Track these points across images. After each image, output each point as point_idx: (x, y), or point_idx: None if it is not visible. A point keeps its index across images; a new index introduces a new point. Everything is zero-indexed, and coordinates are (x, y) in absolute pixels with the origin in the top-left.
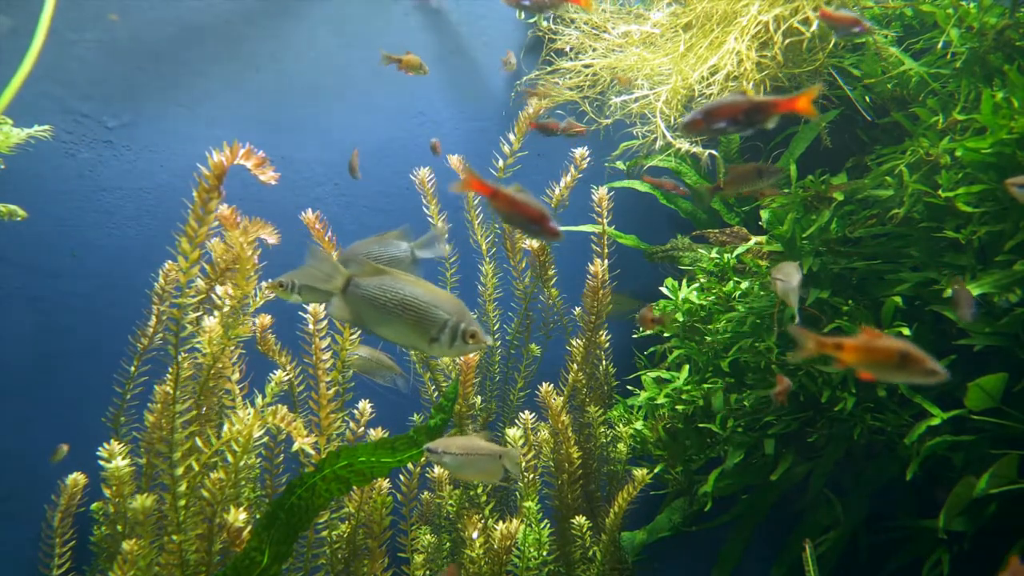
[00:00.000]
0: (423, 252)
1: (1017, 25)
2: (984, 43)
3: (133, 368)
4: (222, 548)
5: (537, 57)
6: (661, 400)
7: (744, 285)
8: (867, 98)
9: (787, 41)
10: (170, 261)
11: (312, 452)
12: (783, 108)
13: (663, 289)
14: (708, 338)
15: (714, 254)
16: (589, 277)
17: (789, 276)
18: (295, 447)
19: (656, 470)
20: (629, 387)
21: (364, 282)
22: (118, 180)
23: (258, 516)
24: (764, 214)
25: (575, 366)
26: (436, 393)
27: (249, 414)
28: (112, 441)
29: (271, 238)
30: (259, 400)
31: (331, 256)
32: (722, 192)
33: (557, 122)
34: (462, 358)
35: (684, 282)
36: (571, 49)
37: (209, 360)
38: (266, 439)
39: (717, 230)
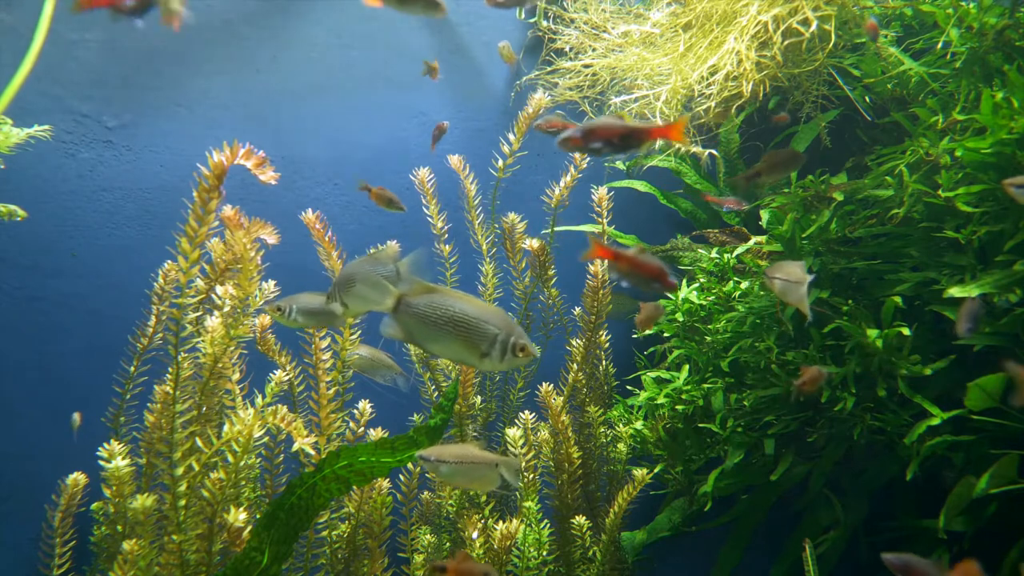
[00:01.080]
0: (410, 272)
1: (1017, 25)
2: (984, 43)
3: (133, 368)
4: (222, 548)
5: (537, 57)
6: (661, 400)
7: (744, 285)
8: (867, 98)
9: (786, 41)
10: (170, 261)
11: (312, 452)
12: (656, 135)
13: None
14: (708, 338)
15: (714, 254)
16: (589, 277)
17: (790, 275)
18: (295, 447)
19: (656, 470)
20: (629, 387)
21: (414, 301)
22: (118, 180)
23: (258, 516)
24: (764, 214)
25: (575, 366)
26: (436, 393)
27: (249, 414)
28: (112, 441)
29: (271, 238)
30: (259, 400)
31: (381, 278)
32: (760, 180)
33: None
34: None
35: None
36: (571, 49)
37: (210, 360)
38: (266, 439)
39: (717, 230)
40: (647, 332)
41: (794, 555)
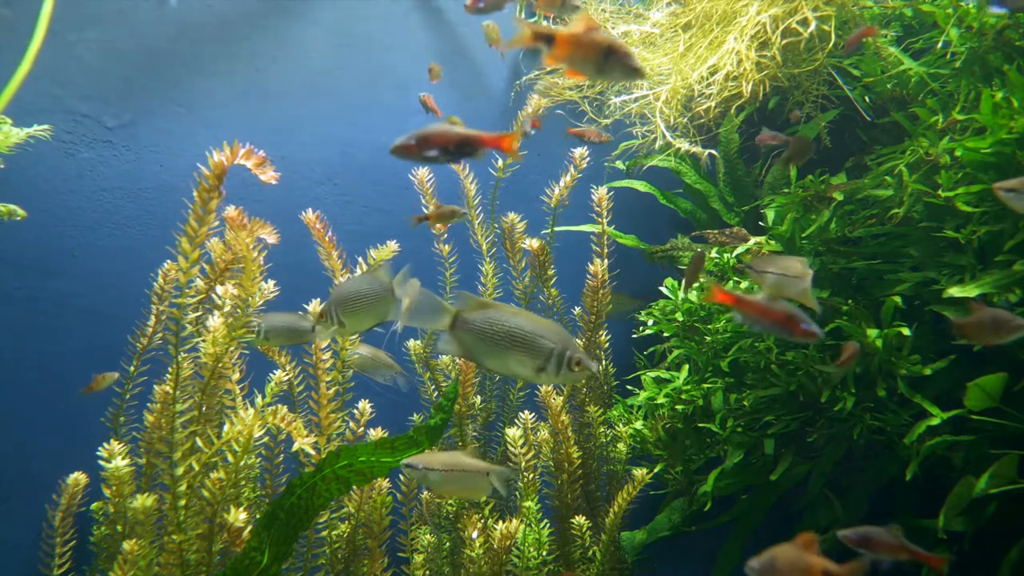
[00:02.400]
0: (400, 290)
1: (1017, 25)
2: (984, 43)
3: (133, 368)
4: (222, 548)
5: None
6: (661, 400)
7: (744, 285)
8: (867, 98)
9: (786, 41)
10: (170, 261)
11: (312, 452)
12: (491, 144)
13: (663, 289)
14: (708, 338)
15: (714, 254)
16: (589, 277)
17: (787, 269)
18: (295, 447)
19: (656, 470)
20: (629, 387)
21: (471, 317)
22: (118, 180)
23: (258, 516)
24: (768, 213)
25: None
26: (436, 393)
27: (249, 414)
28: (112, 441)
29: (271, 238)
30: (259, 400)
31: (435, 295)
32: (792, 162)
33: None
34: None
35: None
36: None
37: (211, 360)
38: (266, 439)
39: (717, 230)
40: (647, 332)
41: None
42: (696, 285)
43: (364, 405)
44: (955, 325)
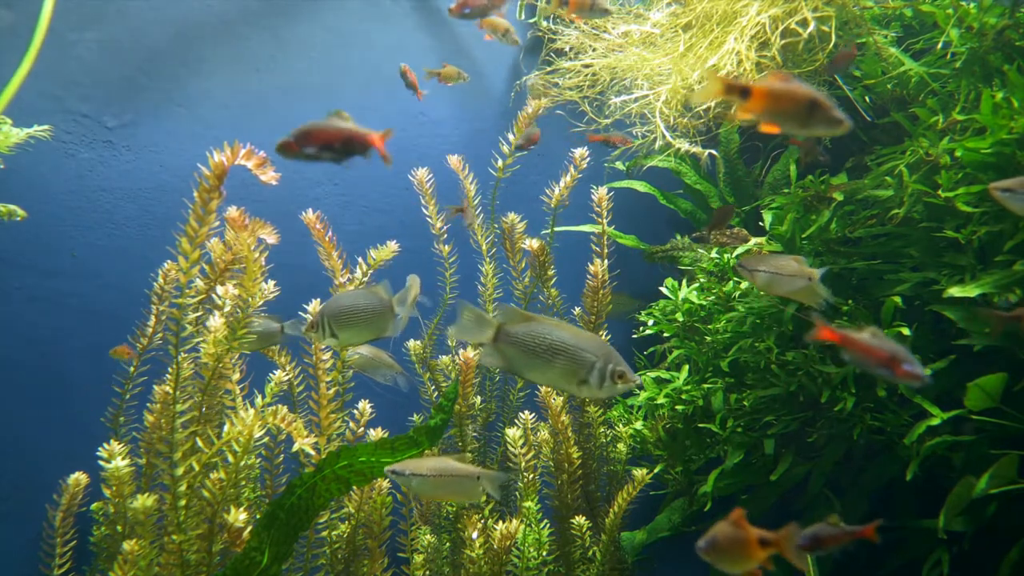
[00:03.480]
0: (400, 308)
1: (1017, 25)
2: (984, 43)
3: (133, 368)
4: (222, 548)
5: (537, 57)
6: (661, 400)
7: (744, 285)
8: (867, 98)
9: (786, 41)
10: (170, 261)
11: (312, 452)
12: (378, 143)
13: (663, 289)
14: (708, 338)
15: (714, 254)
16: (589, 277)
17: (781, 268)
18: (295, 447)
19: (656, 470)
20: None
21: (513, 330)
22: (118, 180)
23: (258, 516)
24: (767, 215)
25: None
26: (436, 393)
27: (249, 414)
28: (112, 441)
29: (271, 238)
30: (259, 400)
31: (479, 309)
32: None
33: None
34: (461, 357)
35: (684, 282)
36: (571, 49)
37: (212, 360)
38: (266, 439)
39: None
40: (647, 332)
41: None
42: (695, 285)
43: (364, 405)
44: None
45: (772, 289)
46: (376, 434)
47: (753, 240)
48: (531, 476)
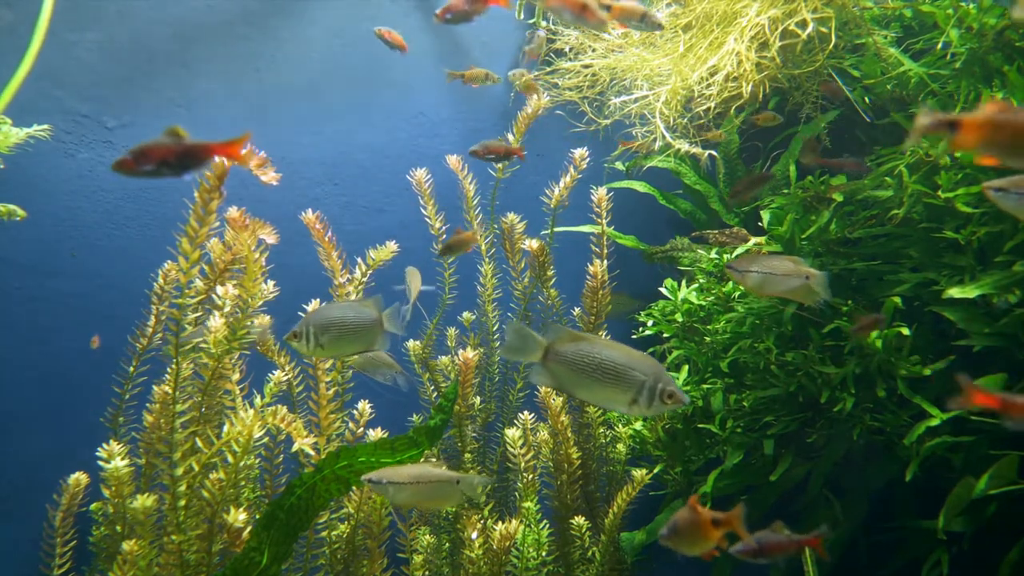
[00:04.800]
0: (389, 325)
1: (1016, 26)
2: (984, 44)
3: (132, 368)
4: (222, 548)
5: (536, 58)
6: None
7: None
8: (867, 99)
9: (786, 42)
10: (170, 261)
11: (312, 452)
12: (218, 152)
13: (662, 289)
14: (707, 338)
15: (713, 255)
16: (588, 277)
17: (774, 268)
18: (295, 447)
19: (655, 471)
20: None
21: (563, 349)
22: (118, 180)
23: (258, 516)
24: (765, 215)
25: None
26: (435, 394)
27: (249, 415)
28: (111, 441)
29: (270, 238)
30: (259, 400)
31: (529, 329)
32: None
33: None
34: (460, 358)
35: (683, 283)
36: (570, 49)
37: (213, 361)
38: (266, 439)
39: (716, 231)
40: (646, 333)
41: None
42: (695, 286)
43: (364, 406)
44: None
45: (765, 290)
46: (376, 434)
47: (753, 240)
48: (530, 476)
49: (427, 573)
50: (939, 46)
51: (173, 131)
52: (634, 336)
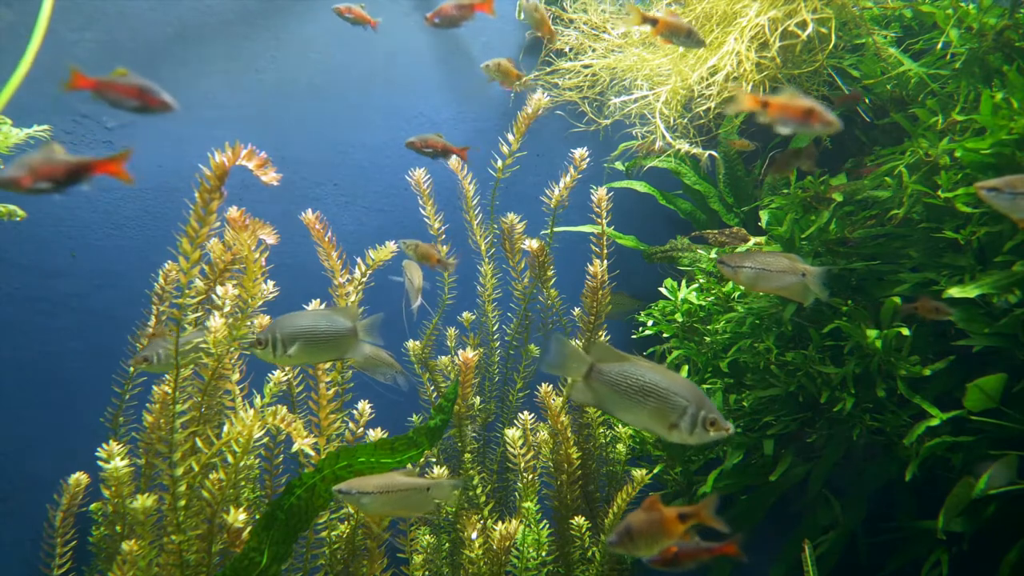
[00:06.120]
0: (364, 335)
1: (1016, 26)
2: (983, 44)
3: (132, 368)
4: (221, 549)
5: (536, 58)
6: None
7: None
8: (866, 99)
9: (786, 43)
10: (170, 261)
11: (312, 453)
12: (100, 169)
13: (662, 290)
14: (707, 339)
15: (713, 255)
16: (588, 277)
17: (767, 264)
18: (295, 448)
19: (655, 471)
20: None
21: (606, 368)
22: (118, 180)
23: (257, 517)
24: (764, 215)
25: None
26: (435, 394)
27: (249, 415)
28: (111, 442)
29: (270, 238)
30: (258, 400)
31: (574, 344)
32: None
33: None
34: (460, 358)
35: (683, 283)
36: (570, 50)
37: (213, 361)
38: (266, 440)
39: (716, 231)
40: (646, 333)
41: (793, 556)
42: (695, 286)
43: (363, 406)
44: None
45: (758, 286)
46: (375, 434)
47: (753, 240)
48: (530, 476)
49: (427, 573)
50: (939, 46)
51: (51, 147)
52: (634, 336)
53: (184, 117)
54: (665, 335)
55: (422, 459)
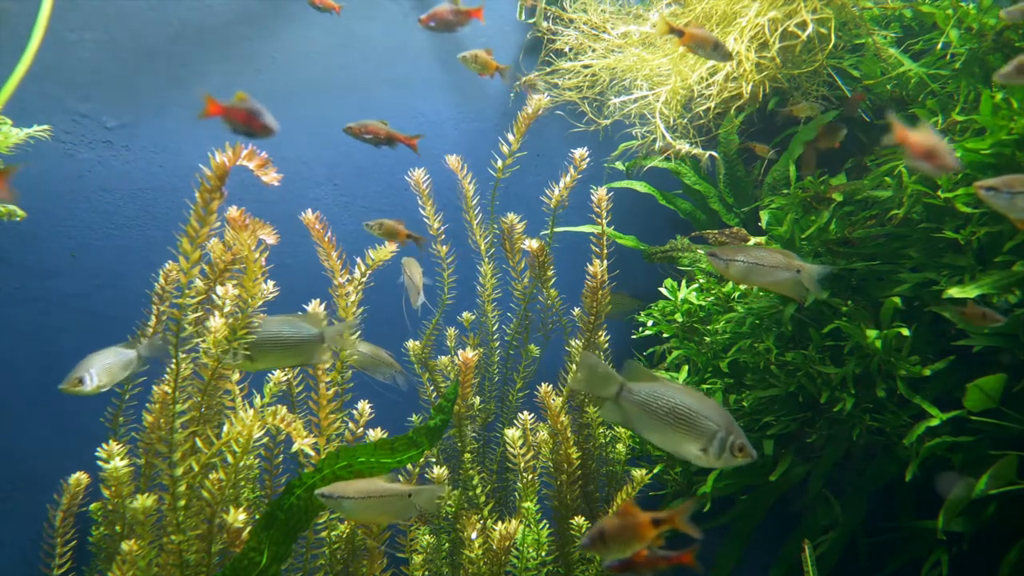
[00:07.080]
0: (331, 341)
1: (1016, 26)
2: (983, 44)
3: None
4: (221, 549)
5: (536, 58)
6: None
7: (743, 286)
8: (866, 99)
9: (786, 43)
10: (170, 261)
11: (311, 453)
12: None
13: (662, 290)
14: (707, 339)
15: None
16: (588, 278)
17: (760, 259)
18: (294, 448)
19: (655, 471)
20: None
21: (636, 388)
22: (118, 180)
23: (257, 517)
24: (764, 215)
25: (574, 367)
26: (435, 394)
27: (249, 415)
28: (111, 442)
29: (270, 238)
30: (258, 400)
31: (606, 364)
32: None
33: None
34: (460, 358)
35: (683, 283)
36: (570, 50)
37: (213, 361)
38: (266, 440)
39: (716, 231)
40: (646, 333)
41: (793, 556)
42: (695, 286)
43: (363, 406)
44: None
45: (750, 280)
46: (375, 434)
47: (752, 240)
48: (530, 477)
49: (427, 573)
50: (939, 46)
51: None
52: (634, 336)
53: (184, 116)
54: (665, 335)
55: (422, 459)
